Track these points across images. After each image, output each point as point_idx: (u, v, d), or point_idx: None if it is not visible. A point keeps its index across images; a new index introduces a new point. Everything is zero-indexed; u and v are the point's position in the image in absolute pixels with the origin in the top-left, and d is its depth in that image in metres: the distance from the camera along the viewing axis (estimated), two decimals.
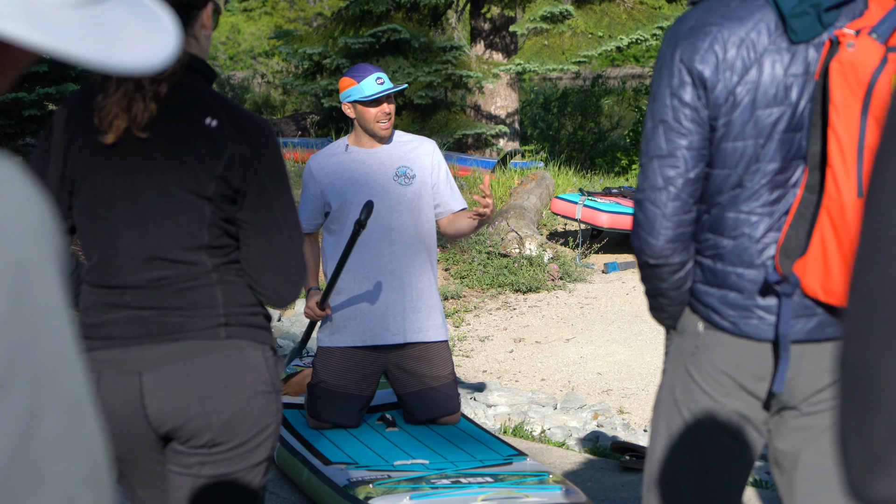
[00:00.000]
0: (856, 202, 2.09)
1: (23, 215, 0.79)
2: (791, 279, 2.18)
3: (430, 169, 4.81)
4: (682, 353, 2.32)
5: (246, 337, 2.36)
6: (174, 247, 2.32)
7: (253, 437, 2.38)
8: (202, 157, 2.29)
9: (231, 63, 27.22)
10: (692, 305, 2.30)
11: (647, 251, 2.25)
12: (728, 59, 2.17)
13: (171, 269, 2.32)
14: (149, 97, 2.25)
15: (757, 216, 2.20)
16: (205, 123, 2.29)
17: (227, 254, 2.37)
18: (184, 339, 2.31)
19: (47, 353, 0.79)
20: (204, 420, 2.33)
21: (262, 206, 2.34)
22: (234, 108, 2.36)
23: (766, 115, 2.17)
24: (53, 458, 0.78)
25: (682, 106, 2.18)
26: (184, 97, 2.31)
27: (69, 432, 0.80)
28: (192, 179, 2.30)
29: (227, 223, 2.35)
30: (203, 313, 2.32)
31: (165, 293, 2.32)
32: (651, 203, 2.21)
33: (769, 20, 2.17)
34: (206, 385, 2.32)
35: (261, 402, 2.37)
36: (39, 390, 0.78)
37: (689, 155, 2.19)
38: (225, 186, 2.31)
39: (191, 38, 2.34)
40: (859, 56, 2.09)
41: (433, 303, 4.86)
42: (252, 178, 2.32)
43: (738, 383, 2.26)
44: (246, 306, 2.38)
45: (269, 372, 2.39)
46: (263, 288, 2.39)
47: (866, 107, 2.08)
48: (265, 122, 2.41)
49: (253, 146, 2.32)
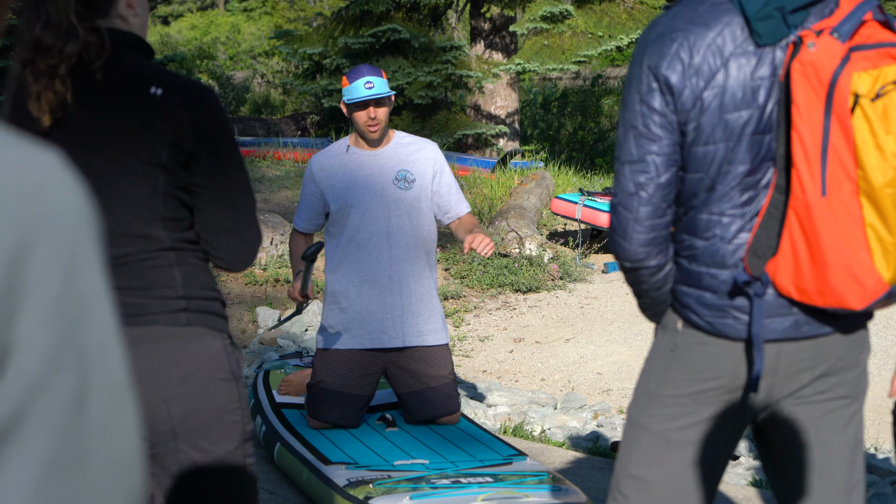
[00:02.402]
0: (820, 201, 2.11)
1: (70, 202, 0.82)
2: (763, 279, 2.20)
3: (431, 174, 4.82)
4: (662, 348, 2.35)
5: (205, 325, 2.38)
6: (132, 220, 2.34)
7: (216, 424, 2.39)
8: (152, 126, 2.32)
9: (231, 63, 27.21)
10: (673, 304, 2.33)
11: (622, 255, 2.28)
12: (694, 64, 2.18)
13: (130, 245, 2.34)
14: (46, 80, 2.28)
15: (728, 217, 2.22)
16: (150, 93, 2.32)
17: (184, 228, 2.39)
18: (145, 323, 2.32)
19: (94, 335, 0.82)
20: (164, 408, 2.33)
21: (215, 170, 2.37)
22: (178, 76, 2.39)
23: (734, 119, 2.19)
24: (98, 439, 0.81)
25: (651, 112, 2.20)
26: (124, 72, 2.34)
27: (112, 414, 0.83)
28: (144, 149, 2.32)
29: (181, 191, 2.37)
30: (162, 293, 2.33)
31: (125, 272, 2.33)
32: (623, 208, 2.24)
33: (736, 24, 2.18)
34: (168, 372, 2.33)
35: (221, 390, 2.38)
36: (87, 371, 0.81)
37: (660, 160, 2.21)
38: (178, 152, 2.34)
39: (116, 19, 2.38)
40: (820, 56, 2.10)
41: (433, 306, 4.86)
42: (204, 141, 2.35)
43: (715, 381, 2.27)
44: (205, 289, 2.39)
45: (228, 360, 2.41)
46: (221, 251, 2.41)
47: (829, 106, 2.09)
48: (210, 88, 2.44)
49: (202, 110, 2.35)
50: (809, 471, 2.33)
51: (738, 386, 2.27)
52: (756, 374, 2.20)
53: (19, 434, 0.77)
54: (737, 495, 4.58)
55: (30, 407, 0.78)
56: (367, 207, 4.75)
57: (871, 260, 2.11)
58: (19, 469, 0.77)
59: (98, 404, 0.82)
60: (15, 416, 0.77)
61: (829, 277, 2.13)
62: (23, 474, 0.77)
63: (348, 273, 4.79)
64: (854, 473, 2.34)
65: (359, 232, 4.77)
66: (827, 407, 2.29)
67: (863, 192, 2.09)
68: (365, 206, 4.75)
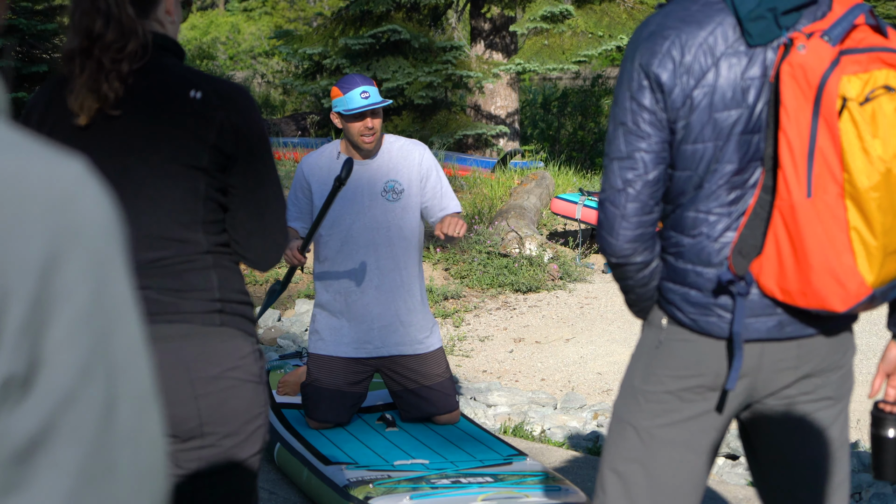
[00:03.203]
0: (805, 202, 2.12)
1: (98, 212, 0.82)
2: (747, 279, 2.21)
3: (418, 179, 4.78)
4: (647, 344, 2.36)
5: (238, 327, 2.38)
6: (171, 224, 2.34)
7: (243, 426, 2.39)
8: (192, 129, 2.32)
9: (231, 63, 27.21)
10: (659, 301, 2.34)
11: (608, 250, 2.29)
12: (685, 62, 2.18)
13: (169, 248, 2.33)
14: (112, 76, 2.27)
15: (715, 216, 2.22)
16: (190, 96, 2.32)
17: (220, 231, 2.39)
18: (178, 321, 2.32)
19: (122, 345, 0.82)
20: (193, 405, 2.34)
21: (250, 171, 2.38)
22: (214, 79, 2.39)
23: (723, 118, 2.19)
24: (126, 448, 0.82)
25: (641, 109, 2.21)
26: (163, 74, 2.34)
27: (139, 423, 0.83)
28: (185, 152, 2.32)
29: (220, 193, 2.38)
30: (198, 296, 2.34)
31: (162, 273, 2.32)
32: (611, 204, 2.25)
33: (728, 24, 2.19)
34: (200, 369, 2.33)
35: (249, 392, 2.39)
36: (115, 382, 0.81)
37: (648, 157, 2.21)
38: (218, 154, 2.34)
39: (154, 22, 2.38)
40: (809, 58, 2.11)
41: (422, 314, 4.85)
42: (242, 143, 2.35)
43: (699, 378, 2.28)
44: (239, 293, 2.40)
45: (256, 364, 2.41)
46: (250, 252, 2.42)
47: (817, 109, 2.10)
48: (245, 89, 2.45)
49: (239, 112, 2.36)
50: (792, 470, 2.34)
51: (721, 384, 2.28)
52: (734, 372, 2.21)
53: (50, 446, 0.78)
54: (737, 495, 4.58)
55: (60, 419, 0.78)
56: (355, 218, 4.73)
57: (854, 263, 2.12)
58: (50, 480, 0.78)
59: (126, 414, 0.82)
60: (45, 428, 0.78)
61: (813, 279, 2.13)
62: (54, 486, 0.78)
63: (336, 283, 4.78)
64: (838, 473, 2.35)
65: (347, 243, 4.75)
66: (811, 408, 2.30)
67: (848, 195, 2.09)
68: (353, 216, 4.73)
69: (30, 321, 0.77)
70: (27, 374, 0.77)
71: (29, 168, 0.79)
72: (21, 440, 0.77)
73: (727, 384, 2.23)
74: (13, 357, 0.76)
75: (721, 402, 2.29)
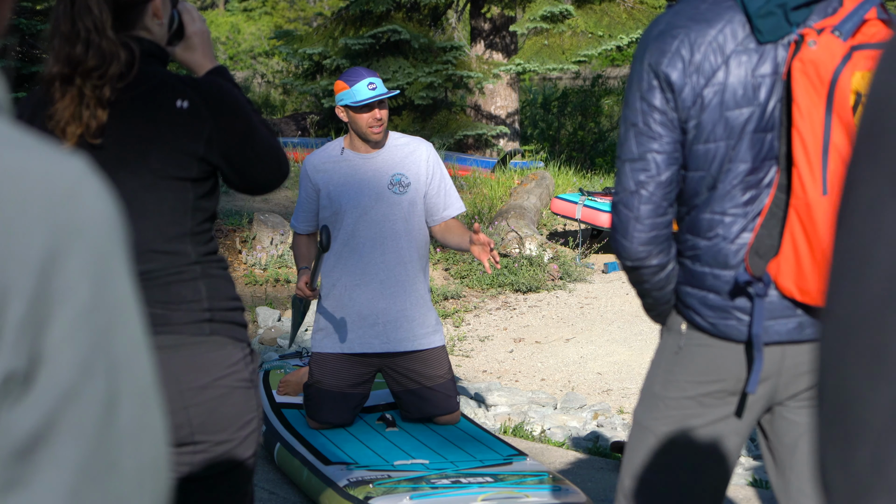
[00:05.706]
0: (821, 200, 2.10)
1: (99, 209, 0.82)
2: (764, 279, 2.19)
3: (425, 175, 4.77)
4: (667, 350, 2.34)
5: (228, 335, 2.38)
6: (159, 237, 2.33)
7: (235, 432, 2.39)
8: (181, 141, 2.31)
9: (231, 63, 27.21)
10: (677, 305, 2.32)
11: (623, 254, 2.27)
12: (695, 61, 2.17)
13: (157, 260, 2.33)
14: (94, 104, 2.25)
15: (731, 217, 2.21)
16: (176, 106, 2.30)
17: (208, 241, 2.39)
18: (168, 332, 2.32)
19: (123, 342, 0.83)
20: (184, 414, 2.34)
21: (230, 129, 2.38)
22: (198, 83, 2.37)
23: (735, 116, 2.18)
24: (128, 445, 0.82)
25: (651, 110, 2.19)
26: (148, 83, 2.31)
27: (141, 420, 0.83)
28: (174, 164, 2.31)
29: (205, 199, 2.38)
30: (187, 307, 2.33)
31: (150, 287, 2.32)
32: (624, 206, 2.23)
33: (738, 21, 2.18)
34: (189, 380, 2.33)
35: (240, 398, 2.39)
36: (117, 378, 0.81)
37: (660, 158, 2.20)
38: (206, 165, 2.35)
39: (141, 31, 2.35)
40: (821, 54, 2.09)
41: (426, 310, 4.84)
42: (230, 142, 2.36)
43: (719, 383, 2.26)
44: (228, 300, 2.39)
45: (247, 369, 2.41)
46: (253, 179, 2.43)
47: (830, 105, 2.08)
48: (220, 83, 2.42)
49: (224, 114, 2.35)
50: (811, 473, 2.32)
51: (742, 388, 2.25)
52: (754, 375, 2.19)
53: (51, 442, 0.78)
54: (737, 495, 4.58)
55: (61, 416, 0.78)
56: (361, 212, 4.72)
57: None
58: (52, 477, 0.78)
59: (127, 411, 0.82)
60: (47, 424, 0.78)
61: None
62: (55, 482, 0.78)
63: (341, 277, 4.78)
64: None
65: (353, 237, 4.75)
66: None
67: None
68: (360, 210, 4.72)
69: (30, 318, 0.77)
70: (28, 370, 0.77)
71: (30, 165, 0.79)
72: (22, 437, 0.77)
73: (748, 387, 2.21)
74: (14, 353, 0.76)
75: (742, 407, 2.27)
